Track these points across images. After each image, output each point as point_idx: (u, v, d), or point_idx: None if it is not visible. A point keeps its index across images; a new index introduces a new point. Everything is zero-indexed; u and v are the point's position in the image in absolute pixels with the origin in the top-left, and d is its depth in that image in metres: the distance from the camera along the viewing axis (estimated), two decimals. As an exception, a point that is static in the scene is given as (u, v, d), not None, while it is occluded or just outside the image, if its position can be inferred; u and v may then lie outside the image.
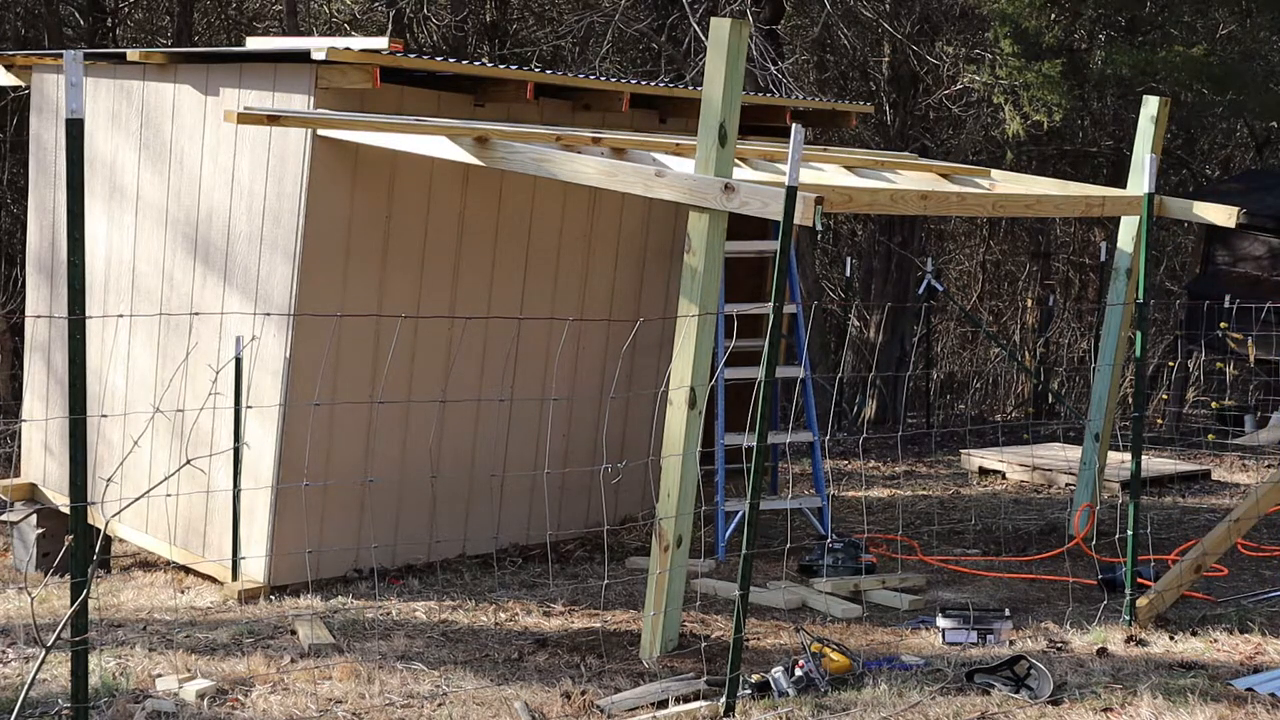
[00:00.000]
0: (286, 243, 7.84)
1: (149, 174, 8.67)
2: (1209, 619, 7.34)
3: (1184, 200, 9.26)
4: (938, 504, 10.89)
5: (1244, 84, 16.13)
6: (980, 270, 22.33)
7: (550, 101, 8.87)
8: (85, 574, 4.70)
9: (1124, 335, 9.29)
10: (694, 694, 6.07)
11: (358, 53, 7.70)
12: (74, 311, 4.69)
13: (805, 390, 9.31)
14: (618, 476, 9.27)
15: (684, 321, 6.58)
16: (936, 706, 5.91)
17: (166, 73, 8.51)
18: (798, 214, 5.96)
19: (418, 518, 8.64)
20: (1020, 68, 14.75)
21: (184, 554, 8.52)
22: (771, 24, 15.82)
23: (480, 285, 8.66)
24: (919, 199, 7.71)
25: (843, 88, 18.92)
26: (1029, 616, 7.45)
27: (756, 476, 6.01)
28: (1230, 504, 10.50)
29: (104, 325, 8.82)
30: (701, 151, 6.53)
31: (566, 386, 9.07)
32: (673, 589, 6.73)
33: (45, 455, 9.64)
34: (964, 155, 17.84)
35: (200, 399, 7.52)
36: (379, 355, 8.10)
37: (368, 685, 6.23)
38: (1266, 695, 6.00)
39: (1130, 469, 7.43)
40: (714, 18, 6.91)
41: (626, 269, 9.50)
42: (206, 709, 5.96)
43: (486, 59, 16.96)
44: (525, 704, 5.96)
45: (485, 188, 8.49)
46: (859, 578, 8.15)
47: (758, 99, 10.08)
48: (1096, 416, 9.40)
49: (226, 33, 18.90)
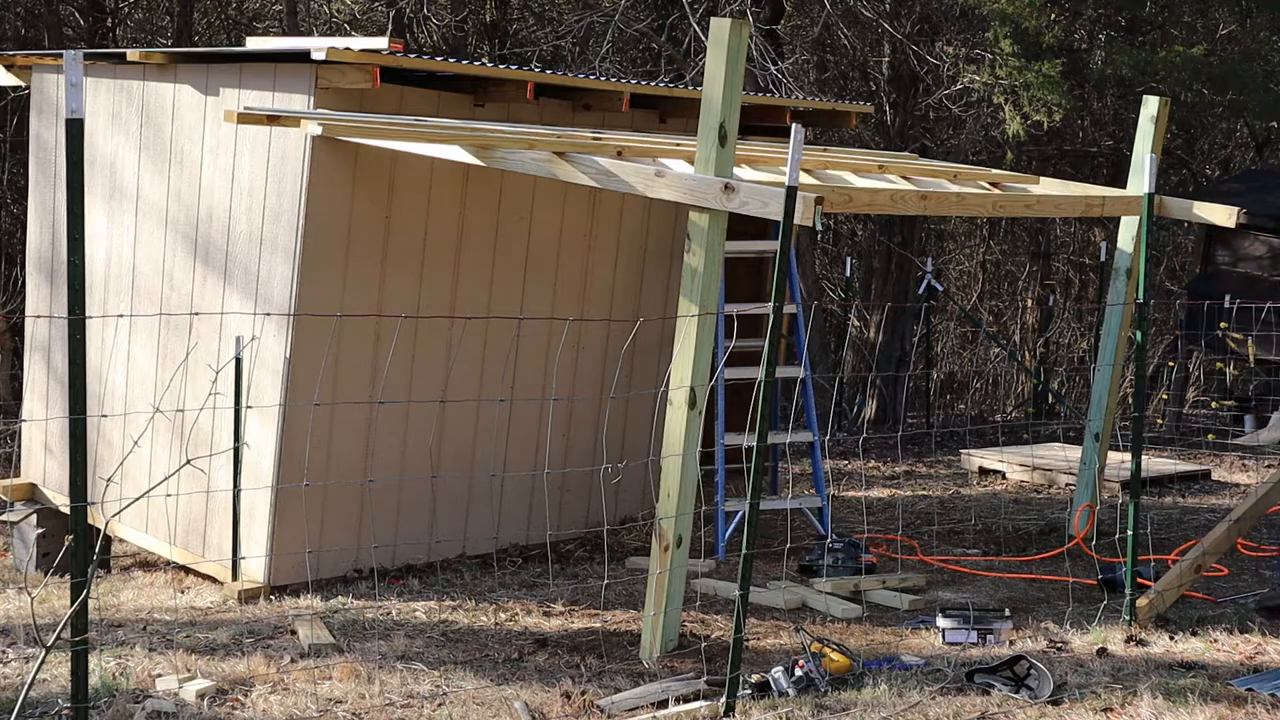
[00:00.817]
0: (286, 242, 7.84)
1: (149, 174, 8.67)
2: (1209, 619, 7.34)
3: (1184, 200, 9.26)
4: (938, 504, 10.90)
5: (1244, 84, 16.13)
6: (980, 270, 22.33)
7: (550, 101, 8.87)
8: (85, 574, 4.71)
9: (1124, 335, 9.29)
10: (694, 694, 6.07)
11: (358, 53, 7.70)
12: (74, 311, 4.69)
13: (805, 390, 9.31)
14: (618, 477, 9.27)
15: (684, 321, 6.58)
16: (936, 706, 5.91)
17: (166, 73, 8.51)
18: (798, 214, 5.96)
19: (418, 518, 8.64)
20: (1020, 68, 14.75)
21: (184, 554, 8.52)
22: (771, 24, 15.82)
23: (480, 285, 8.66)
24: (919, 199, 7.71)
25: (843, 88, 18.92)
26: (1029, 616, 7.45)
27: (756, 476, 6.01)
28: (1230, 504, 10.50)
29: (104, 325, 8.82)
30: (701, 151, 6.53)
31: (566, 387, 9.07)
32: (673, 589, 6.73)
33: (45, 455, 9.64)
34: (964, 155, 17.84)
35: (200, 399, 7.52)
36: (379, 355, 8.10)
37: (368, 685, 6.23)
38: (1266, 695, 6.00)
39: (1130, 469, 7.43)
40: (714, 18, 6.91)
41: (626, 269, 9.50)
42: (206, 709, 5.96)
43: (486, 59, 16.96)
44: (525, 704, 5.96)
45: (485, 188, 8.49)
46: (859, 578, 8.15)
47: (758, 99, 10.08)
48: (1096, 416, 9.40)
49: (226, 33, 18.90)
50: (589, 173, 6.79)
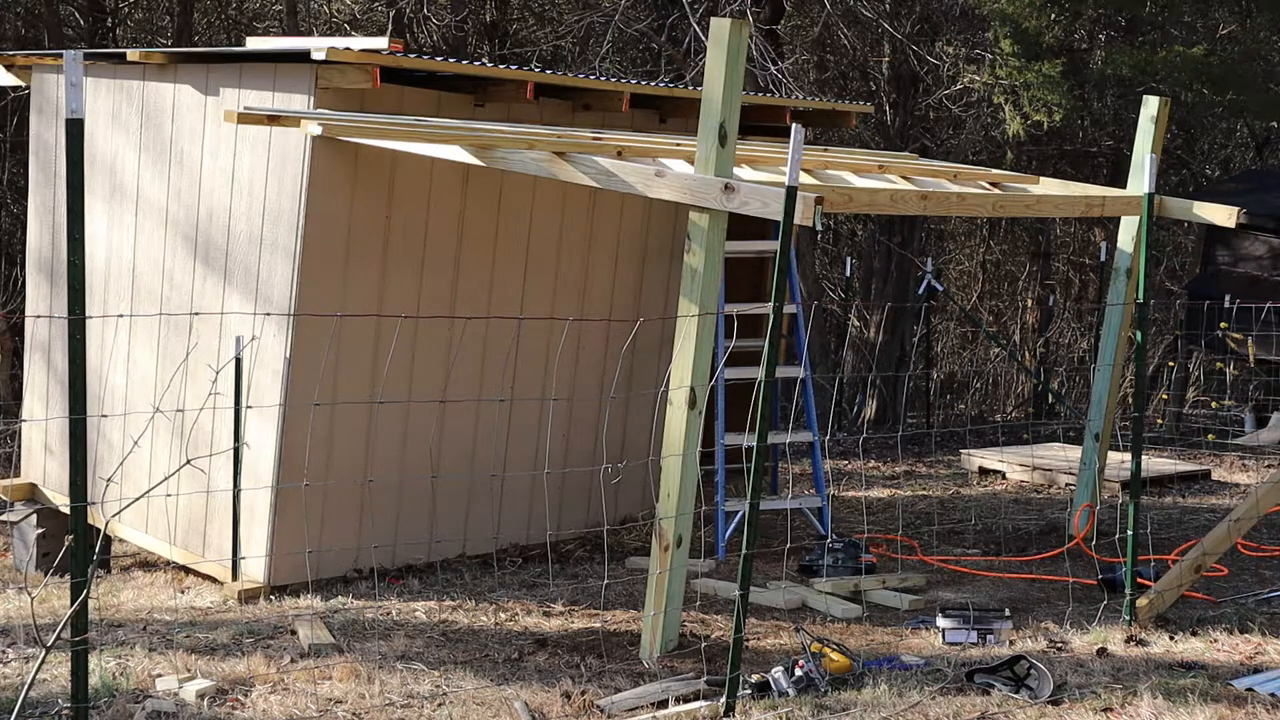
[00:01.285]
0: (286, 242, 7.84)
1: (149, 174, 8.67)
2: (1209, 619, 7.34)
3: (1184, 200, 9.26)
4: (938, 504, 10.90)
5: (1244, 84, 16.13)
6: (980, 270, 22.33)
7: (550, 101, 8.87)
8: (85, 574, 4.71)
9: (1124, 335, 9.29)
10: (694, 694, 6.07)
11: (358, 53, 7.70)
12: (74, 311, 4.69)
13: (805, 390, 9.31)
14: (618, 477, 9.27)
15: (684, 321, 6.58)
16: (936, 706, 5.91)
17: (166, 73, 8.51)
18: (798, 214, 5.96)
19: (418, 518, 8.64)
20: (1020, 68, 14.75)
21: (184, 554, 8.51)
22: (771, 24, 15.82)
23: (480, 285, 8.66)
24: (919, 199, 7.71)
25: (843, 88, 18.92)
26: (1029, 616, 7.45)
27: (756, 476, 6.01)
28: (1230, 504, 10.50)
29: (104, 325, 8.82)
30: (701, 151, 6.53)
31: (566, 387, 9.07)
32: (673, 589, 6.73)
33: (45, 455, 9.64)
34: (964, 155, 17.84)
35: (201, 399, 7.52)
36: (379, 355, 8.10)
37: (368, 685, 6.23)
38: (1266, 695, 6.00)
39: (1130, 469, 7.43)
40: (714, 18, 6.90)
41: (626, 269, 9.50)
42: (206, 709, 5.96)
43: (486, 59, 16.96)
44: (525, 704, 5.96)
45: (485, 188, 8.49)
46: (859, 578, 8.15)
47: (758, 99, 10.08)
48: (1096, 416, 9.40)
49: (226, 33, 18.90)
50: (589, 173, 6.80)
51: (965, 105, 17.36)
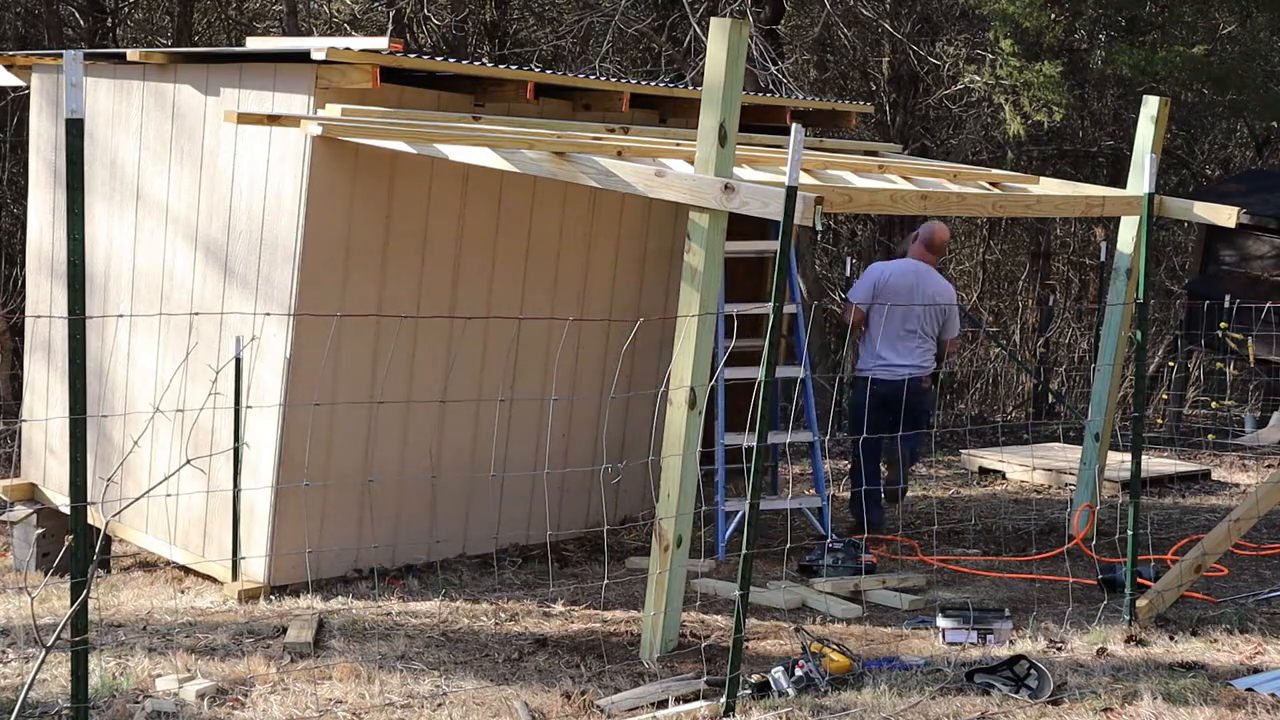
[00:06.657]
0: (287, 242, 7.84)
1: (149, 174, 8.67)
2: (1209, 619, 7.34)
3: (1184, 200, 9.26)
4: (938, 504, 10.89)
5: (1244, 84, 16.15)
6: (980, 270, 22.33)
7: (550, 101, 8.87)
8: (85, 574, 4.71)
9: (1124, 335, 9.29)
10: (694, 694, 6.07)
11: (358, 53, 7.70)
12: (74, 311, 4.69)
13: (805, 390, 9.31)
14: (618, 477, 9.27)
15: (684, 321, 6.58)
16: (936, 706, 5.91)
17: (166, 73, 8.51)
18: (798, 214, 5.96)
19: (418, 518, 8.64)
20: (1020, 68, 14.76)
21: (184, 554, 8.51)
22: (771, 24, 15.82)
23: (480, 285, 8.66)
24: (919, 199, 7.71)
25: (843, 88, 18.93)
26: (1029, 616, 7.44)
27: (756, 476, 6.01)
28: (1230, 504, 10.50)
29: (105, 325, 8.82)
30: (701, 151, 6.53)
31: (566, 386, 9.07)
32: (673, 589, 6.73)
33: (46, 455, 9.64)
34: (964, 155, 17.85)
35: (201, 398, 7.52)
36: (379, 355, 8.10)
37: (368, 685, 6.23)
38: (1266, 695, 6.00)
39: (1130, 469, 7.43)
40: (714, 18, 6.90)
41: (626, 269, 9.50)
42: (206, 709, 5.96)
43: (486, 59, 16.96)
44: (525, 704, 5.96)
45: (485, 188, 8.49)
46: (859, 578, 8.15)
47: (758, 99, 10.08)
48: (1096, 416, 9.40)
49: (226, 33, 18.90)
50: (589, 173, 6.80)
51: (965, 105, 17.37)
